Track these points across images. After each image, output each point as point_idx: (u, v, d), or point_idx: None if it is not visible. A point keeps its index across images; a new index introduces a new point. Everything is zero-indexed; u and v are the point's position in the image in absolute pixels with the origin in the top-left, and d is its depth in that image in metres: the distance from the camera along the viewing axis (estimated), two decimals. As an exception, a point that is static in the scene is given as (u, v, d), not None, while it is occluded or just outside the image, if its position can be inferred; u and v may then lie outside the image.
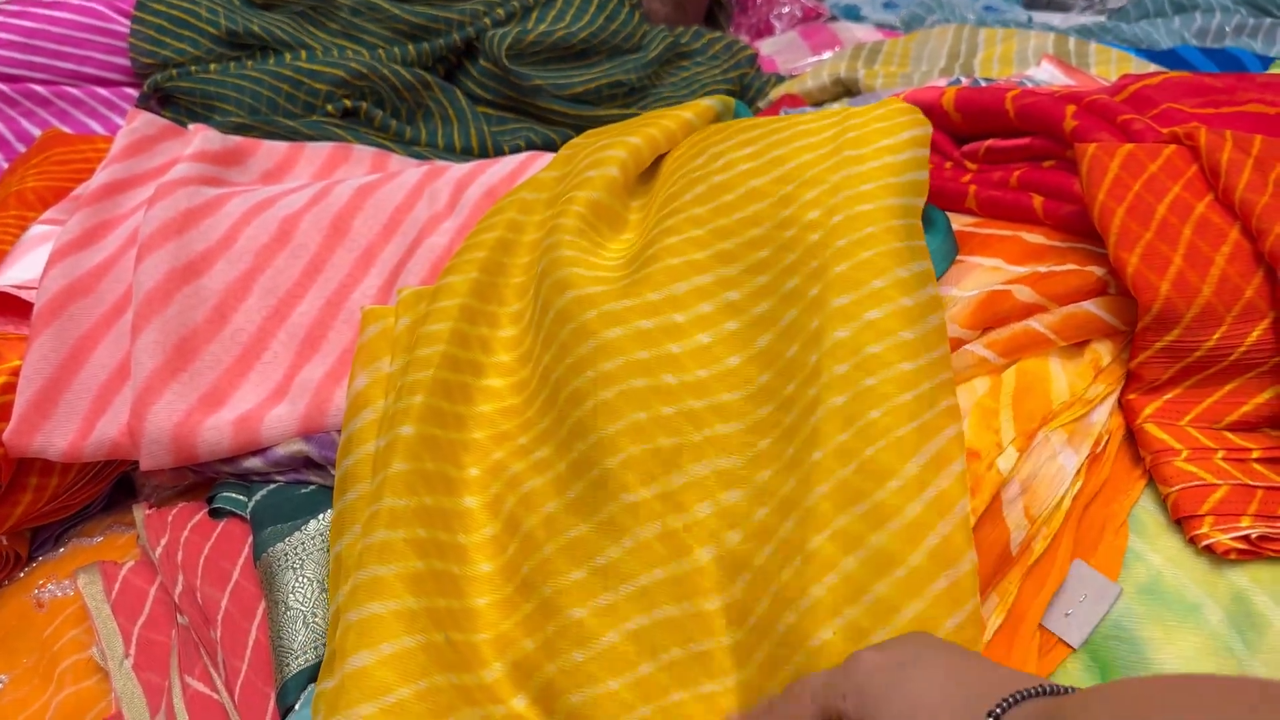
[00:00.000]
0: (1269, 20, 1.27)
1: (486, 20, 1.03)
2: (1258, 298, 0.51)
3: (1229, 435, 0.53)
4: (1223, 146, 0.56)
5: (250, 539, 0.59)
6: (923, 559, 0.45)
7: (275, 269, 0.70)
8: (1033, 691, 0.34)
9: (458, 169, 0.79)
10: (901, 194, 0.57)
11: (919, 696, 0.36)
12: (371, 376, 0.60)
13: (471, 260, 0.64)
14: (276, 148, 0.89)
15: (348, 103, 0.98)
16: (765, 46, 1.38)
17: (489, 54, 1.01)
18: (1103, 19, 1.46)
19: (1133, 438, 0.56)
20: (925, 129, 0.61)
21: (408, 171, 0.79)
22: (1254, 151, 0.56)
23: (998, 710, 0.33)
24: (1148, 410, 0.55)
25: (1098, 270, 0.56)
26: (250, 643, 0.55)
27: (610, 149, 0.70)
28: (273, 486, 0.62)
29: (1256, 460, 0.52)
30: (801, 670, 0.44)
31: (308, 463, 0.62)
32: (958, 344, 0.57)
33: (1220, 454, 0.52)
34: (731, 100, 0.78)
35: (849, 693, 0.38)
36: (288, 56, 1.02)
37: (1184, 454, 0.52)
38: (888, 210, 0.56)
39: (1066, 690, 0.34)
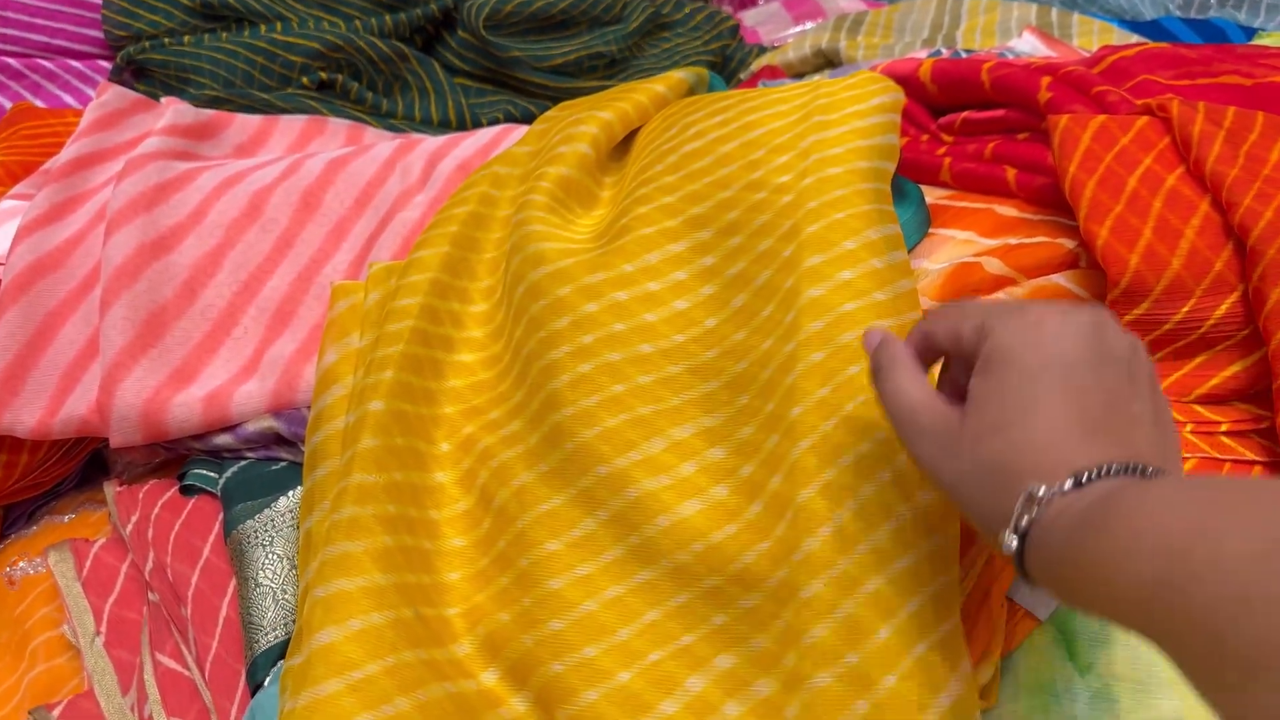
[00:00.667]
0: (1253, -10, 1.26)
1: (466, -11, 1.02)
2: (1227, 270, 0.51)
3: (1198, 409, 0.53)
4: (1194, 119, 0.56)
5: (221, 516, 0.59)
6: (911, 514, 0.45)
7: (245, 244, 0.69)
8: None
9: (431, 142, 0.78)
10: (870, 157, 0.57)
11: (1047, 361, 0.34)
12: (341, 352, 0.59)
13: (443, 235, 0.63)
14: (250, 121, 0.88)
15: (323, 75, 0.97)
16: (748, 17, 1.37)
17: (467, 24, 0.99)
18: (1088, -11, 1.45)
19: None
20: (896, 95, 0.61)
21: (380, 145, 0.78)
22: (1226, 124, 0.55)
23: (1089, 475, 0.32)
24: None
25: (1068, 243, 0.56)
26: (221, 619, 0.55)
27: (582, 124, 0.69)
28: (243, 463, 0.62)
29: (1224, 434, 0.52)
30: (792, 625, 0.44)
31: (278, 439, 0.61)
32: (928, 318, 0.56)
33: (1189, 427, 0.52)
34: (705, 72, 0.78)
35: (984, 318, 0.37)
36: (263, 28, 1.00)
37: None
38: (857, 173, 0.56)
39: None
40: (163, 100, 0.86)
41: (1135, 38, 1.08)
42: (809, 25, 1.30)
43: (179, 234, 0.68)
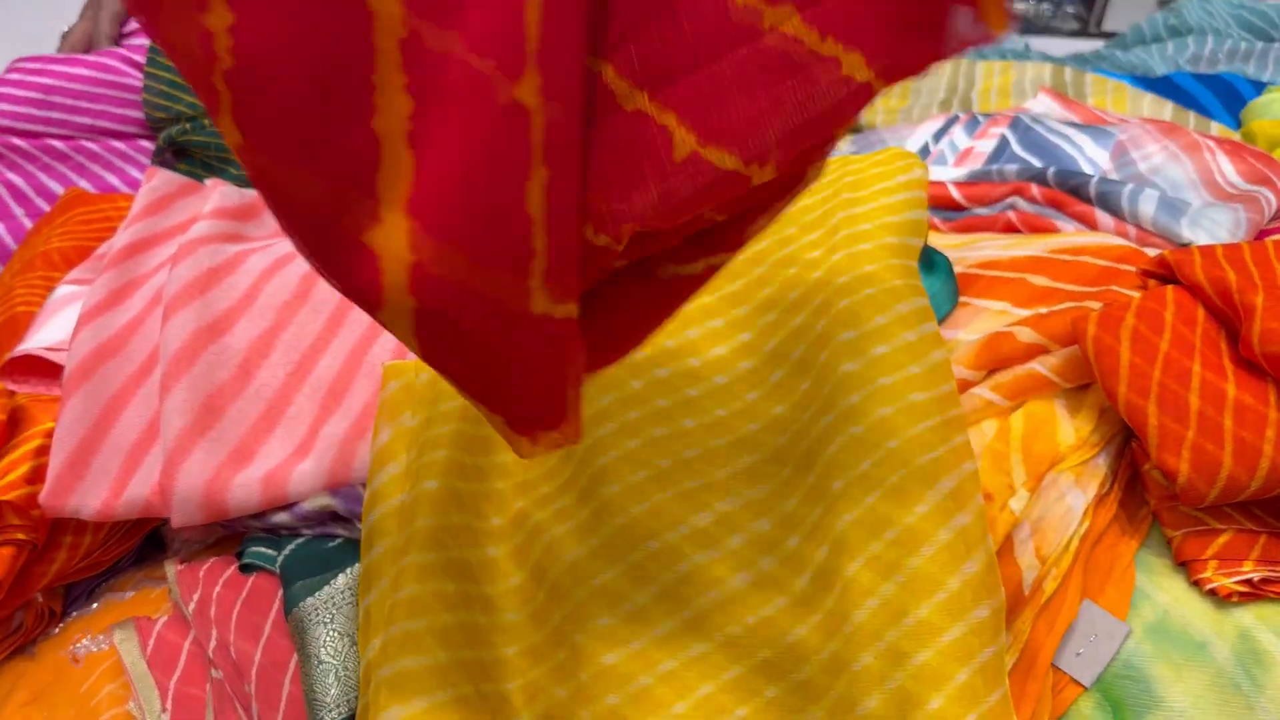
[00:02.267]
0: (1261, 44, 1.29)
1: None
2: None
3: None
4: (1230, 282, 0.56)
5: (280, 593, 0.61)
6: (959, 585, 0.46)
7: (297, 325, 0.72)
8: None
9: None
10: (899, 233, 0.59)
11: None
12: (394, 430, 0.61)
13: None
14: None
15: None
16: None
17: None
18: (1099, 45, 1.48)
19: (1138, 479, 0.57)
20: (922, 172, 0.63)
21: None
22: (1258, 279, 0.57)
23: None
24: None
25: (1095, 305, 0.58)
26: (284, 696, 0.56)
27: None
28: (300, 540, 0.64)
29: (1258, 506, 0.54)
30: (844, 696, 0.46)
31: (334, 517, 0.63)
32: (965, 386, 0.58)
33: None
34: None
35: None
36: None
37: None
38: (886, 249, 0.58)
39: None
40: (207, 182, 0.89)
41: (1149, 96, 1.11)
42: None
43: (232, 317, 0.71)
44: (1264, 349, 0.52)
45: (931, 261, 0.65)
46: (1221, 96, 1.20)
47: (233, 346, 0.69)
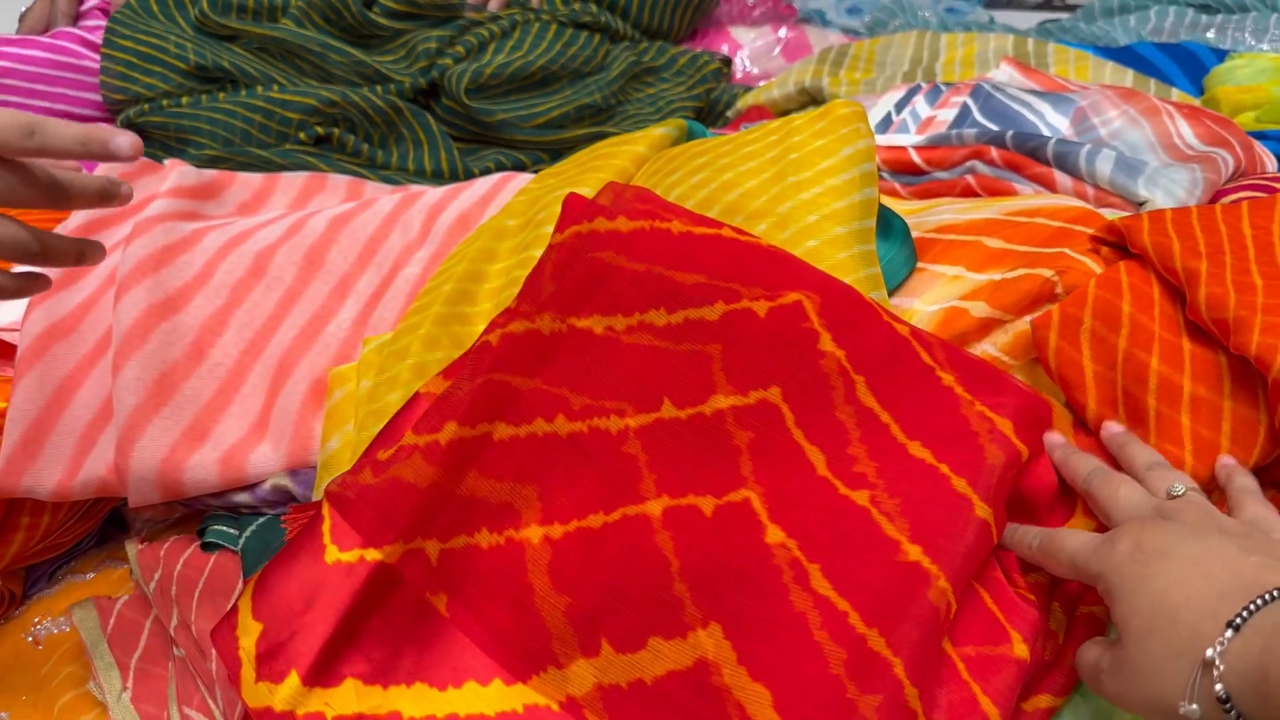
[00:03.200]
0: (1220, 16, 1.29)
1: (447, 60, 1.05)
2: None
3: None
4: (1172, 249, 0.57)
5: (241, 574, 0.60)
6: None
7: (251, 303, 0.71)
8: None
9: (431, 195, 0.80)
10: (848, 220, 0.59)
11: (1163, 594, 0.37)
12: (341, 440, 0.61)
13: (433, 299, 0.66)
14: (251, 180, 0.90)
15: (319, 129, 0.99)
16: (743, 61, 1.39)
17: (450, 93, 1.02)
18: (1064, 17, 1.49)
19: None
20: (868, 141, 0.63)
21: (382, 200, 0.80)
22: (1201, 248, 0.57)
23: (1240, 616, 0.34)
24: None
25: (1046, 272, 0.58)
26: (244, 672, 0.56)
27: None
28: (262, 520, 0.63)
29: None
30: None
31: (291, 498, 0.63)
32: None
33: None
34: (684, 124, 0.80)
35: (1101, 574, 0.41)
36: (259, 89, 1.03)
37: None
38: (834, 242, 0.58)
39: None
40: (166, 162, 0.88)
41: (1110, 65, 1.11)
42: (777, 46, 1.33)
43: (186, 295, 0.70)
44: (1210, 315, 0.52)
45: (889, 226, 0.65)
46: (1183, 64, 1.20)
47: (186, 324, 0.69)
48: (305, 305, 0.72)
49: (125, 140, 0.53)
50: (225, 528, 0.64)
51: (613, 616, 0.46)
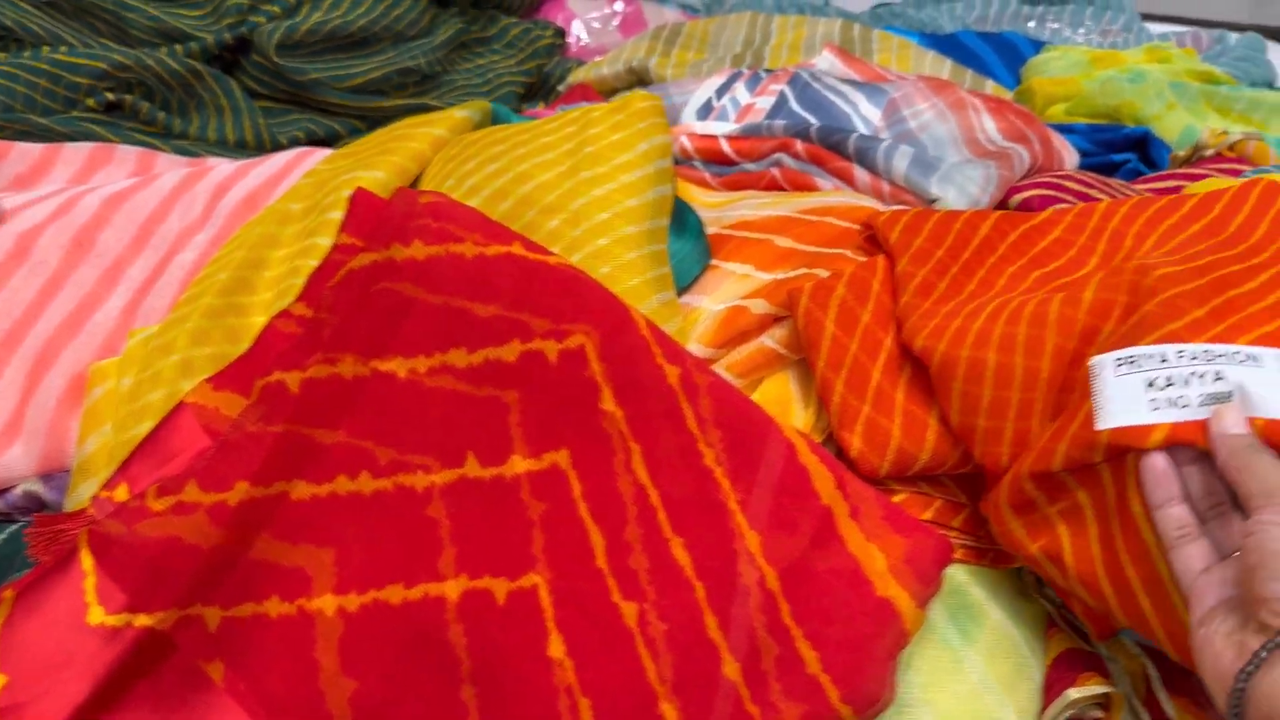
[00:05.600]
0: (1041, 7, 1.34)
1: (259, 17, 0.99)
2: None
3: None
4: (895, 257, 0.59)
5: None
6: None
7: (10, 290, 0.66)
8: None
9: (221, 170, 0.76)
10: (640, 219, 0.58)
11: None
12: (98, 442, 0.57)
13: (205, 289, 0.62)
14: (29, 151, 0.83)
15: (110, 96, 0.92)
16: (579, 33, 1.35)
17: (259, 49, 0.96)
18: (896, 2, 1.51)
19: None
20: (664, 138, 0.62)
21: (166, 176, 0.75)
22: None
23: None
24: None
25: (821, 273, 0.58)
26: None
27: (358, 184, 0.68)
28: (13, 529, 0.59)
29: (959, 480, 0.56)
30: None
31: (42, 505, 0.59)
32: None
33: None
34: (488, 106, 0.77)
35: None
36: (44, 50, 0.95)
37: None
38: (624, 241, 0.57)
39: None
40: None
41: (931, 55, 1.13)
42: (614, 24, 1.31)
43: (-63, 280, 0.65)
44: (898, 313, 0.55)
45: (684, 223, 0.65)
46: (1003, 54, 1.24)
47: (-68, 313, 0.63)
48: (71, 292, 0.67)
49: None
50: (-25, 535, 0.59)
51: (397, 711, 0.45)
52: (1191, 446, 0.43)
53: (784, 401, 0.57)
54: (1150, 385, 0.44)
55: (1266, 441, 0.41)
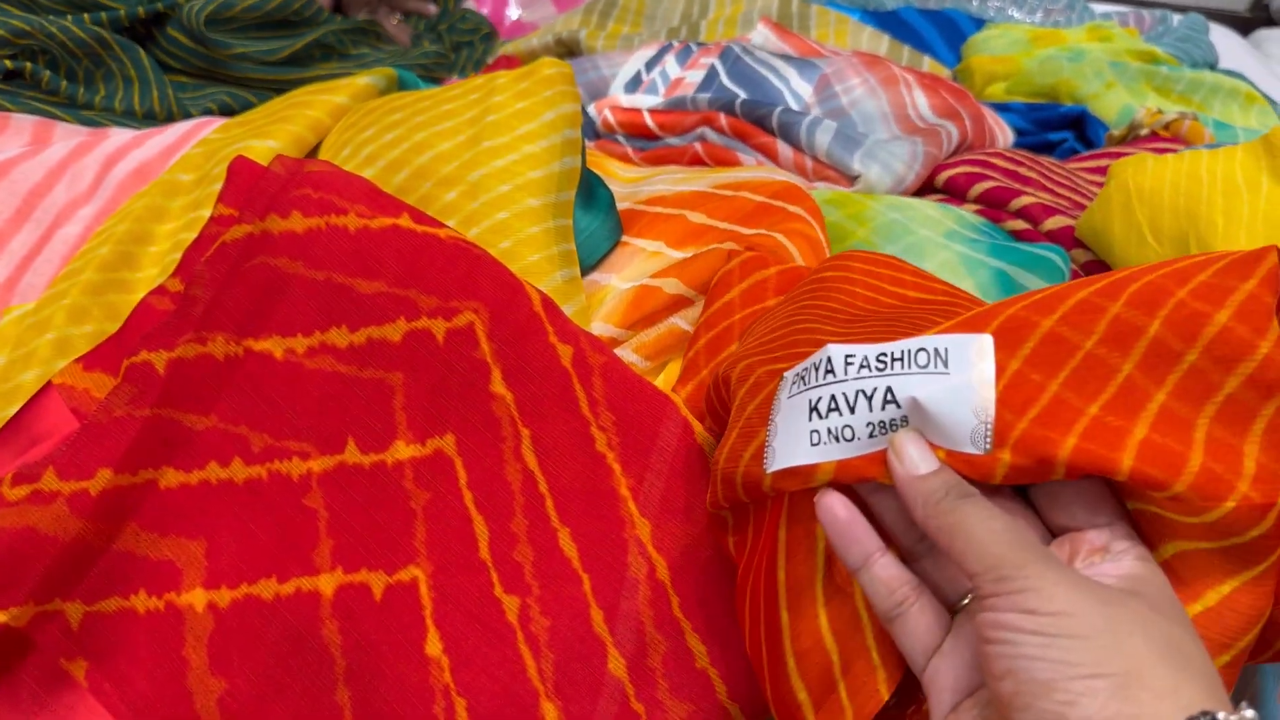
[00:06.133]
0: (984, -16, 1.32)
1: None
2: None
3: None
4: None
5: None
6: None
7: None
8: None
9: (112, 141, 0.72)
10: (543, 192, 0.56)
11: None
12: None
13: (86, 264, 0.58)
14: (-84, 117, 0.79)
15: (9, 64, 0.88)
16: (513, 9, 1.33)
17: (185, 24, 0.92)
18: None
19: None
20: (572, 106, 0.59)
21: (55, 146, 0.71)
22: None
23: None
24: None
25: (729, 246, 0.56)
26: None
27: (249, 154, 0.64)
28: None
29: None
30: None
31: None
32: (611, 344, 0.55)
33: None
34: (394, 73, 0.74)
35: None
36: (-61, 13, 0.90)
37: None
38: (525, 215, 0.55)
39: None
40: None
41: (869, 30, 1.11)
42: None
43: None
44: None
45: (594, 196, 0.62)
46: (944, 31, 1.22)
47: None
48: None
49: None
50: None
51: (268, 713, 0.43)
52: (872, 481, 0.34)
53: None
54: (813, 410, 0.35)
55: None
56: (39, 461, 0.46)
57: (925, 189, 0.76)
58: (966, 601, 0.33)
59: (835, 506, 0.34)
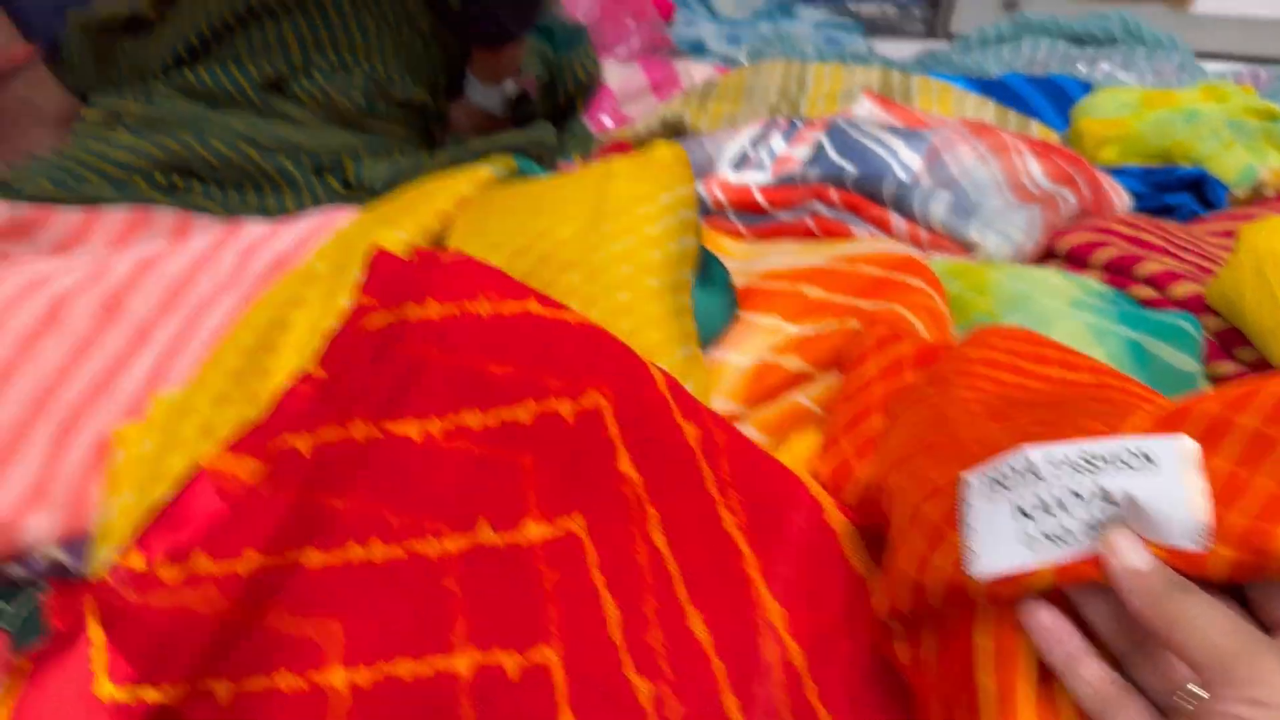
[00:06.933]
0: (1090, 49, 1.31)
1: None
2: None
3: None
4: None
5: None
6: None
7: (40, 354, 0.66)
8: None
9: (250, 232, 0.76)
10: (663, 272, 0.57)
11: None
12: (120, 508, 0.57)
13: (229, 351, 0.61)
14: (70, 217, 0.84)
15: (161, 179, 0.94)
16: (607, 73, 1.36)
17: (352, 180, 1.00)
18: (945, 45, 1.49)
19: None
20: (687, 188, 0.60)
21: (197, 239, 0.75)
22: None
23: None
24: None
25: (854, 324, 0.56)
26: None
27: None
28: (33, 595, 0.58)
29: None
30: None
31: (64, 572, 0.58)
32: (732, 420, 0.55)
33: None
34: (513, 162, 0.77)
35: None
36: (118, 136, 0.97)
37: None
38: (646, 295, 0.55)
39: None
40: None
41: (973, 98, 1.11)
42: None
43: (-33, 346, 0.65)
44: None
45: (710, 274, 0.63)
46: (1051, 97, 1.21)
47: (-37, 380, 0.63)
48: (99, 356, 0.67)
49: None
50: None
51: None
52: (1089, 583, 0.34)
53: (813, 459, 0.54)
54: (1021, 512, 0.35)
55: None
56: (189, 543, 0.48)
57: (1044, 258, 0.75)
58: (1179, 698, 0.32)
59: (1041, 614, 0.34)
